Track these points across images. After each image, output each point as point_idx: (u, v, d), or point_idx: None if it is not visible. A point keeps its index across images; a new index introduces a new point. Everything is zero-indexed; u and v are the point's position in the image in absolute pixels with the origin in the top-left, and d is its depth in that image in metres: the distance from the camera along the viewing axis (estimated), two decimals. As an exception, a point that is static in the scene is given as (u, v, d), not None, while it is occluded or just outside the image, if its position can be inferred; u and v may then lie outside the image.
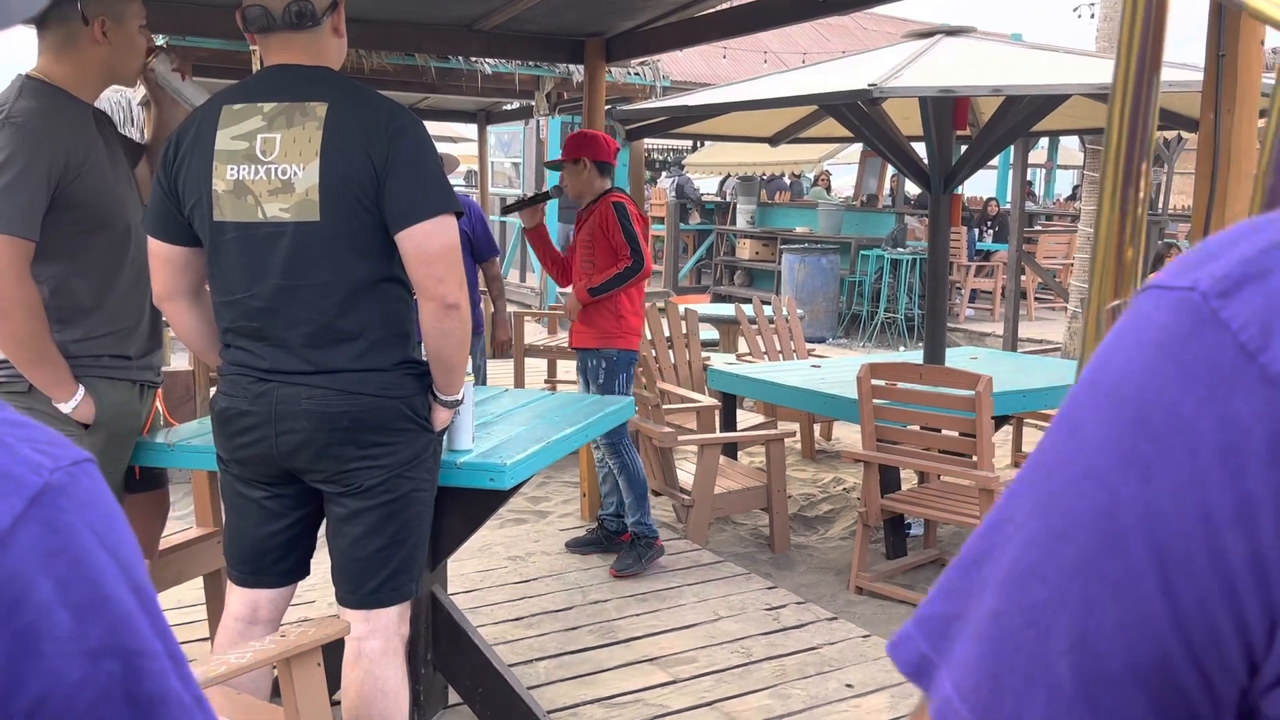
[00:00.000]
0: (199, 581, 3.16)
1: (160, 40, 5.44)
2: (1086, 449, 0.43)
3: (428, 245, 2.01)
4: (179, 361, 6.79)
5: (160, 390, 2.66)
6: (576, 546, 4.21)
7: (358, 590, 2.15)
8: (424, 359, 2.15)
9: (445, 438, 2.39)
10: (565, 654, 3.29)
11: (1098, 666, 0.42)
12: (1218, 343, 0.41)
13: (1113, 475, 0.42)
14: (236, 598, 2.26)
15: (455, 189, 2.19)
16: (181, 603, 3.44)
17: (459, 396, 2.20)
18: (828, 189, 15.55)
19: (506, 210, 4.08)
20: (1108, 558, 0.42)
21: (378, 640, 2.16)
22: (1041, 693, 0.43)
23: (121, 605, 0.52)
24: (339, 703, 2.21)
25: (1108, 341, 0.45)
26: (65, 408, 2.32)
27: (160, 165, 2.14)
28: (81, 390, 2.33)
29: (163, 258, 2.17)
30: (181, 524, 3.27)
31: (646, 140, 7.66)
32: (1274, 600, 0.40)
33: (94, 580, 0.51)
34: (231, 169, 2.04)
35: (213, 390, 2.24)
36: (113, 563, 0.52)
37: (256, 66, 5.69)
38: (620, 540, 4.17)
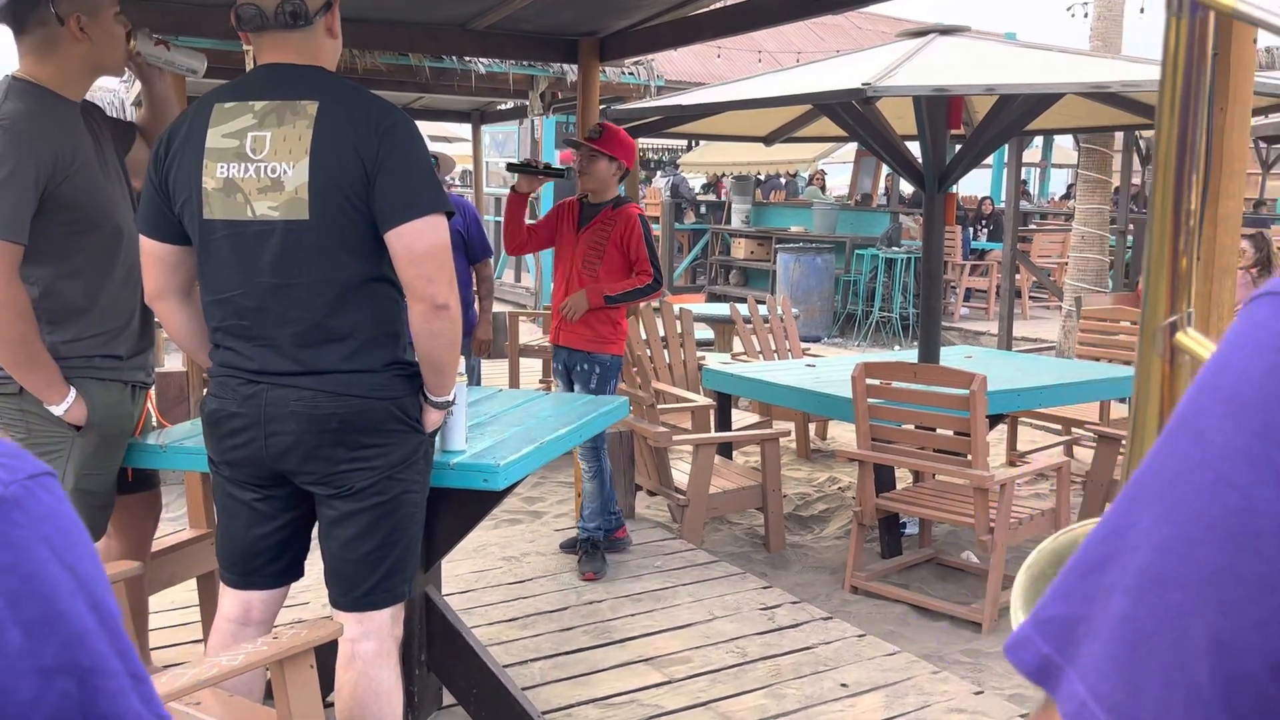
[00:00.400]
0: (192, 583, 3.16)
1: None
2: (1214, 455, 0.45)
3: (417, 245, 2.00)
4: (172, 363, 6.78)
5: (151, 391, 2.65)
6: (571, 548, 4.20)
7: (350, 593, 2.15)
8: (415, 360, 2.14)
9: (438, 438, 2.38)
10: (560, 654, 3.28)
11: (1237, 666, 0.43)
12: None
13: (1245, 479, 0.43)
14: (229, 600, 2.25)
15: (451, 189, 2.18)
16: (174, 604, 3.43)
17: (450, 398, 2.20)
18: (822, 188, 15.56)
19: (513, 168, 3.98)
20: (1246, 560, 0.43)
21: (371, 642, 2.15)
22: (1180, 694, 0.44)
23: (77, 622, 0.51)
24: (333, 705, 2.20)
25: (1224, 348, 0.47)
26: (57, 410, 2.31)
27: (151, 163, 2.13)
28: (73, 393, 2.32)
29: (154, 256, 2.16)
30: (175, 525, 3.27)
31: (641, 140, 7.66)
32: None
33: (48, 596, 0.50)
34: (221, 167, 2.03)
35: (205, 391, 2.24)
36: (69, 578, 0.51)
37: (250, 66, 5.67)
38: (615, 538, 4.17)
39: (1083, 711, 0.46)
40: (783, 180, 16.94)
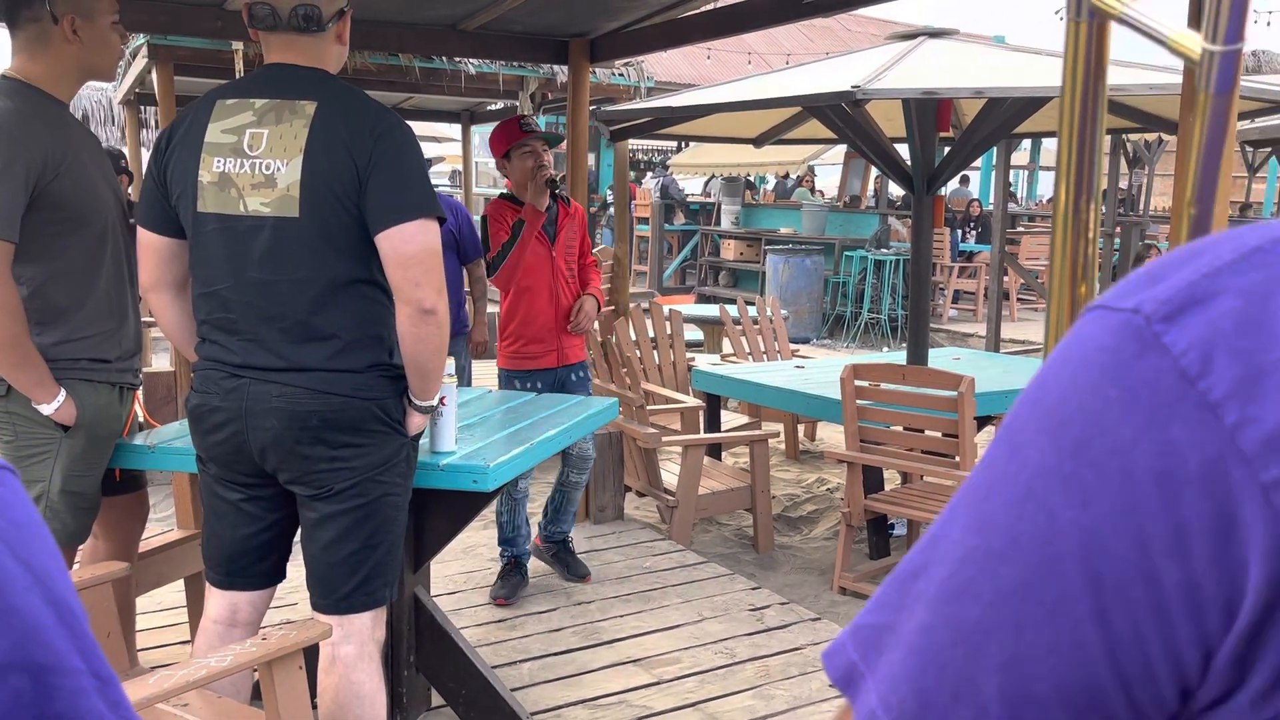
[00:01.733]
0: (180, 584, 3.14)
1: (141, 39, 5.40)
2: (1027, 470, 0.43)
3: (406, 248, 2.01)
4: (160, 362, 6.75)
5: (139, 392, 2.64)
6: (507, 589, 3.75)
7: (330, 595, 2.14)
8: (401, 363, 2.14)
9: (428, 440, 2.38)
10: (549, 655, 3.28)
11: (1025, 688, 0.42)
12: (1159, 368, 0.41)
13: (1052, 498, 0.42)
14: (215, 601, 2.25)
15: (441, 190, 2.18)
16: (162, 605, 3.42)
17: (434, 402, 2.20)
18: (812, 190, 15.59)
19: (555, 185, 3.56)
20: (1043, 581, 0.41)
21: (351, 645, 2.15)
22: (967, 711, 0.43)
23: (32, 617, 0.49)
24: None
25: (1052, 361, 0.45)
26: (47, 409, 2.30)
27: (152, 156, 2.16)
28: (63, 392, 2.32)
29: (151, 248, 2.18)
30: (163, 526, 3.26)
31: (631, 141, 7.66)
32: (1207, 629, 0.40)
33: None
34: (218, 161, 2.05)
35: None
36: (24, 573, 0.49)
37: (239, 66, 5.63)
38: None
39: None
40: (786, 182, 16.93)
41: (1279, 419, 0.38)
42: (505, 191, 3.75)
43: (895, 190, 13.93)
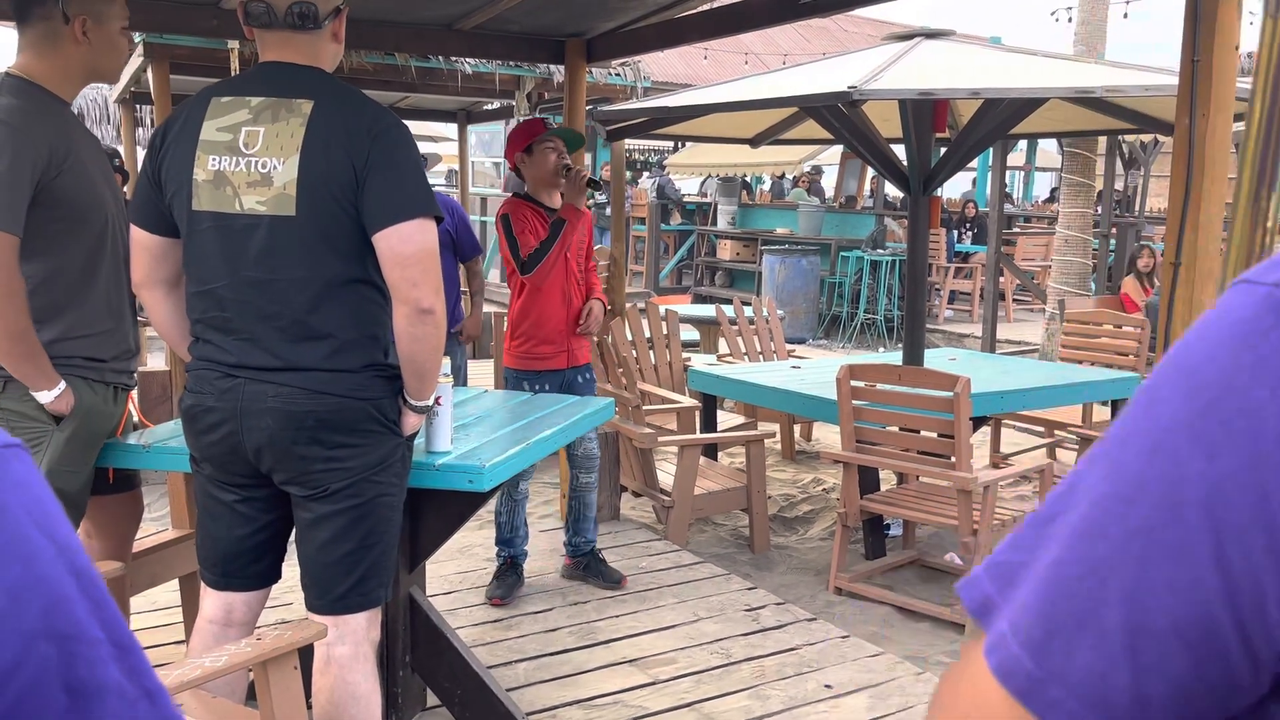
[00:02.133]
0: (174, 584, 3.14)
1: (137, 37, 5.39)
2: (1161, 424, 0.47)
3: (403, 248, 2.00)
4: (155, 362, 6.74)
5: (133, 392, 2.64)
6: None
7: (325, 596, 2.14)
8: (396, 363, 2.14)
9: (423, 439, 2.38)
10: (545, 655, 3.28)
11: (1145, 620, 0.46)
12: None
13: (1181, 451, 0.46)
14: (210, 601, 2.24)
15: (437, 189, 2.18)
16: (156, 605, 3.41)
17: (429, 402, 2.20)
18: (808, 190, 15.59)
19: (596, 185, 3.59)
20: (1168, 524, 0.45)
21: (346, 646, 2.14)
22: (1090, 638, 0.47)
23: (57, 588, 0.51)
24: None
25: (1195, 327, 0.49)
26: (46, 397, 2.30)
27: (147, 153, 2.16)
28: (63, 382, 2.33)
29: (143, 245, 2.17)
30: (158, 525, 3.25)
31: (627, 141, 7.66)
32: None
33: (28, 559, 0.49)
34: (213, 159, 2.04)
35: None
36: (49, 544, 0.51)
37: (235, 65, 5.62)
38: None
39: (1001, 642, 0.50)
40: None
41: None
42: (519, 192, 3.78)
43: (892, 190, 13.94)
